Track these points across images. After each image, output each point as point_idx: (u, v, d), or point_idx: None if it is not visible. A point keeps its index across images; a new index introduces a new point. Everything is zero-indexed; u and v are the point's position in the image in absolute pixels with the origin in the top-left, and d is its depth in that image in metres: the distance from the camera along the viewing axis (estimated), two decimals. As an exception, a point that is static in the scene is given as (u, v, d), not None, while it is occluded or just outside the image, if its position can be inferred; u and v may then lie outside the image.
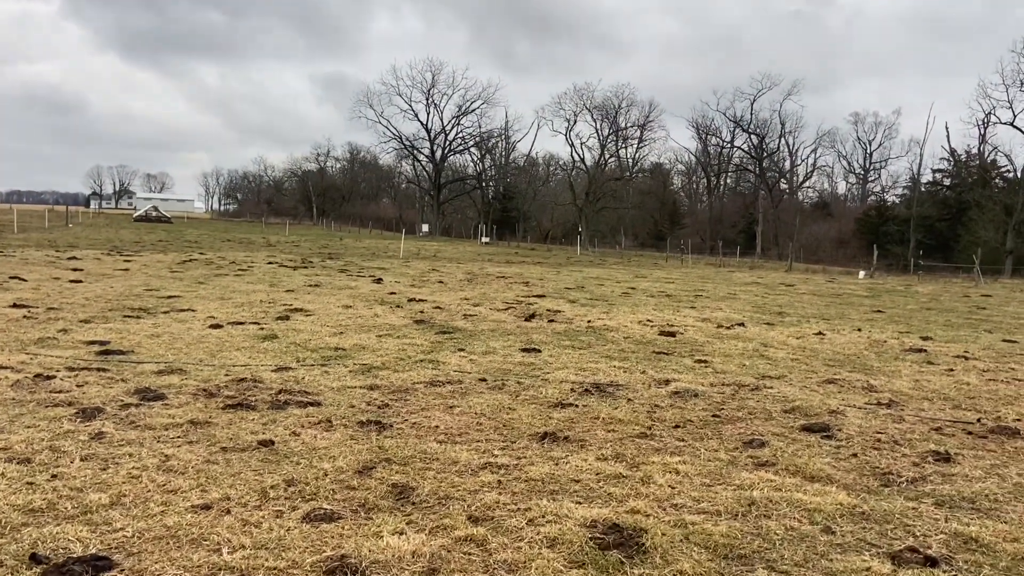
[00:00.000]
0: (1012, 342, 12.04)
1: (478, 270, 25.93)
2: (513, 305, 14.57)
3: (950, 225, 65.97)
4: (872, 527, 4.04)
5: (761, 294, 20.67)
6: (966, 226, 61.56)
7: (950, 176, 73.59)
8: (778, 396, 7.11)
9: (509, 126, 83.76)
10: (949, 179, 73.14)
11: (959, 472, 4.96)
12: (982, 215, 59.62)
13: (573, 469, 4.87)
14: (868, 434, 5.84)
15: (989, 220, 58.91)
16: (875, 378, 8.31)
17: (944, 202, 70.81)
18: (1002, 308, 18.79)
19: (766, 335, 11.66)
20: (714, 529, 3.92)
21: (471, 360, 8.60)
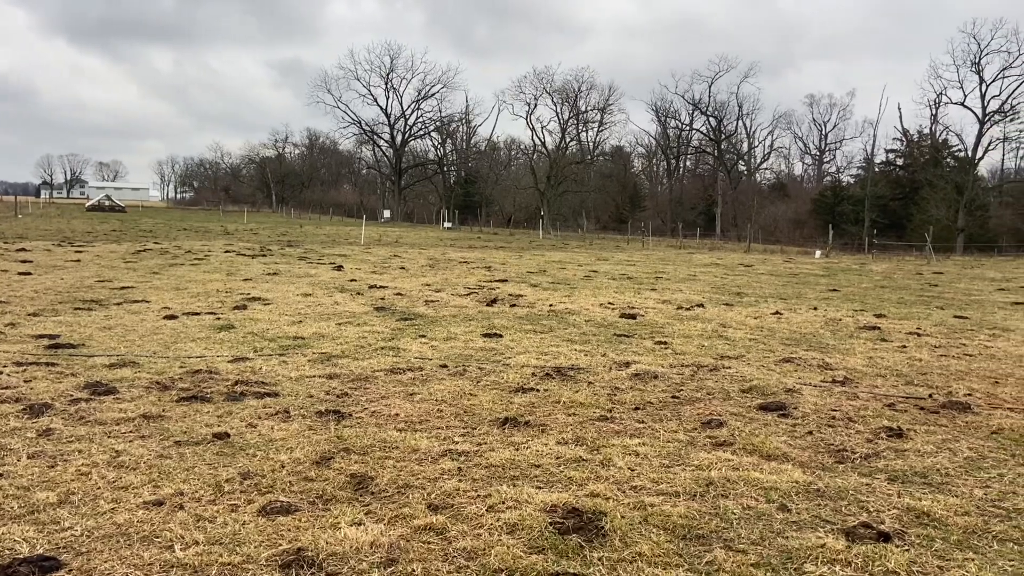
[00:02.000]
0: (963, 318, 12.35)
1: (440, 255, 25.80)
2: (475, 290, 14.52)
3: (903, 204, 67.46)
4: (827, 504, 4.11)
5: (720, 275, 20.91)
6: (919, 205, 63.01)
7: (903, 156, 75.19)
8: (736, 376, 7.19)
9: (470, 110, 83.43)
10: (902, 159, 74.74)
11: (911, 447, 5.06)
12: (934, 194, 61.08)
13: (534, 454, 4.87)
14: (823, 412, 5.94)
15: (941, 199, 60.38)
16: (830, 356, 8.46)
17: (897, 182, 72.37)
18: (953, 285, 19.28)
19: (725, 316, 11.79)
20: (673, 510, 3.95)
21: (432, 346, 8.55)
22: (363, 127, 79.22)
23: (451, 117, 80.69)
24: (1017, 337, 10.30)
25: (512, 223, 77.41)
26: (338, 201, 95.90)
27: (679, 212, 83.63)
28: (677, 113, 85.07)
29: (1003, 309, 13.88)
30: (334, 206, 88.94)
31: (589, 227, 72.19)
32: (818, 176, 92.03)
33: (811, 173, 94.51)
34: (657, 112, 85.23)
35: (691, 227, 71.04)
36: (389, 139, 79.64)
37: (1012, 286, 19.06)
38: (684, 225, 72.06)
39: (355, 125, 79.00)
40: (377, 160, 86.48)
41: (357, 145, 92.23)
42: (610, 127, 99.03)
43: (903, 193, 68.68)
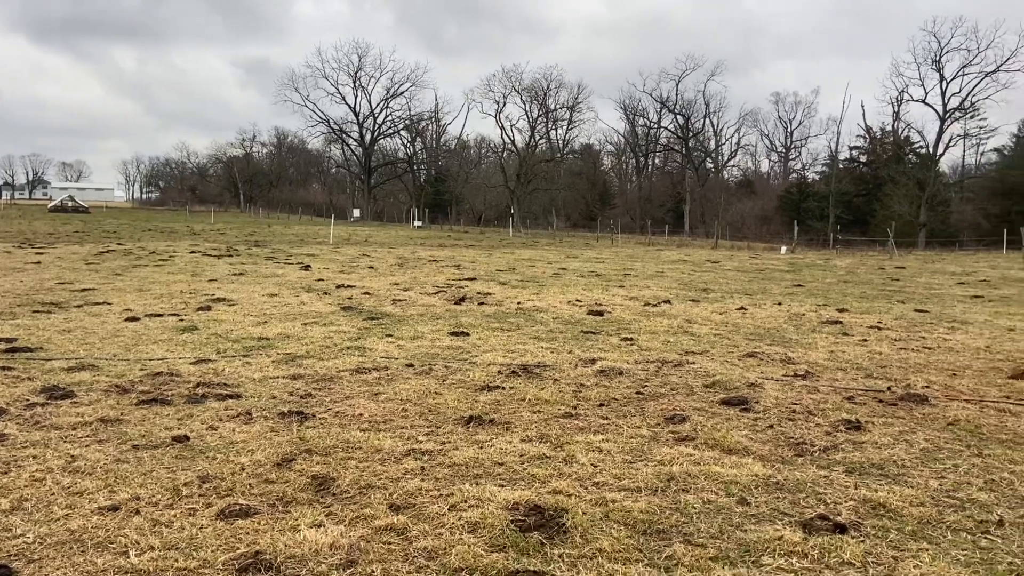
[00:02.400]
0: (923, 311, 12.59)
1: (410, 254, 25.69)
2: (443, 289, 14.48)
3: (867, 200, 68.60)
4: (785, 496, 4.16)
5: (688, 271, 21.09)
6: (882, 201, 64.12)
7: (866, 153, 76.46)
8: (700, 371, 7.26)
9: (439, 109, 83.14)
10: (865, 156, 76.00)
11: (869, 439, 5.15)
12: (897, 190, 62.20)
13: (497, 452, 4.86)
14: (784, 405, 6.02)
15: (903, 195, 61.51)
16: (793, 350, 8.57)
17: (861, 178, 73.57)
18: (915, 279, 19.65)
19: (691, 312, 11.89)
20: (634, 506, 3.97)
21: (399, 346, 8.51)
22: (331, 126, 78.69)
23: (420, 116, 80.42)
24: (975, 330, 10.53)
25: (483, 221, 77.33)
26: (307, 200, 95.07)
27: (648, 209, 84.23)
28: (645, 111, 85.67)
29: (962, 303, 14.17)
30: (303, 205, 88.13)
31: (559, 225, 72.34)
32: (784, 173, 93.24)
33: (777, 170, 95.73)
34: (626, 110, 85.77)
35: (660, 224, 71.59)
36: (358, 138, 79.09)
37: (972, 280, 19.47)
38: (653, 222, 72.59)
39: (323, 124, 78.46)
40: (346, 159, 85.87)
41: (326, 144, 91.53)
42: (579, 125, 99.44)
43: (867, 189, 69.84)
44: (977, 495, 4.16)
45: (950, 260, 29.97)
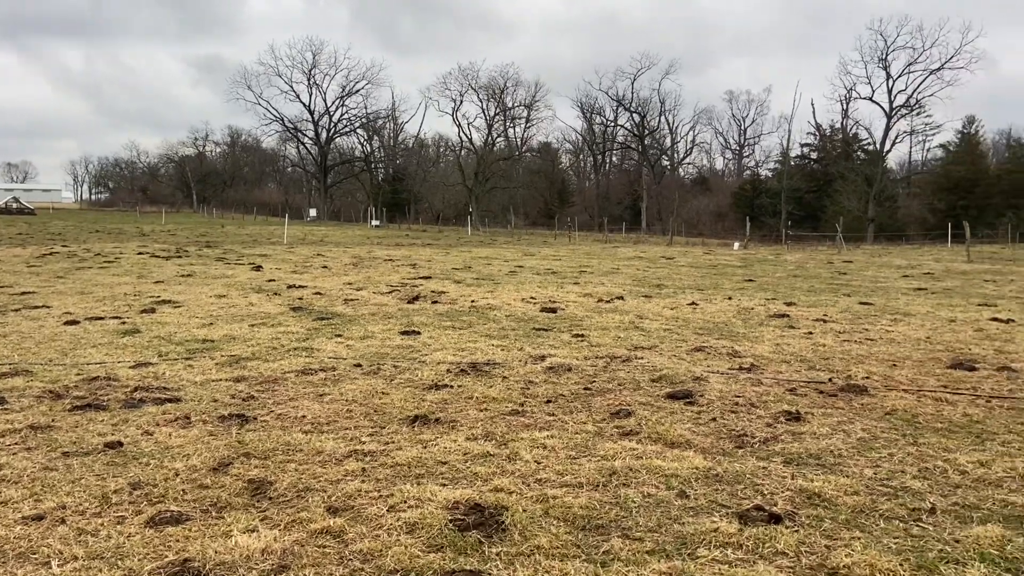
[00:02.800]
0: (868, 304, 12.87)
1: (365, 254, 25.45)
2: (397, 288, 14.37)
3: (817, 196, 70.01)
4: (724, 488, 4.19)
5: (643, 268, 21.26)
6: (832, 197, 65.53)
7: (817, 150, 78.06)
8: (647, 366, 7.30)
9: (396, 107, 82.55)
10: (816, 153, 77.59)
11: (808, 430, 5.23)
12: (846, 186, 63.64)
13: (441, 451, 4.82)
14: (728, 398, 6.08)
15: (852, 191, 62.97)
16: (740, 344, 8.68)
17: (812, 175, 75.07)
18: (861, 273, 20.10)
19: (643, 307, 11.98)
20: (574, 501, 3.96)
21: (348, 346, 8.40)
22: (286, 124, 77.52)
23: (377, 114, 79.72)
24: (916, 321, 10.79)
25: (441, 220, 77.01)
26: (263, 200, 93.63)
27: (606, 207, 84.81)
28: (602, 109, 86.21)
29: (906, 295, 14.53)
30: (258, 205, 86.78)
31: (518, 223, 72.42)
32: (738, 170, 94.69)
33: (732, 167, 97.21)
34: (582, 108, 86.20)
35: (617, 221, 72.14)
36: (313, 136, 78.12)
37: (916, 273, 20.00)
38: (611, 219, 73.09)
39: (278, 122, 77.23)
40: (302, 158, 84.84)
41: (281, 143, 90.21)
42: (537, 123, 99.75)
43: (817, 186, 71.28)
44: (911, 483, 4.25)
45: (896, 254, 30.76)
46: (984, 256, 28.11)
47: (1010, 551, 3.40)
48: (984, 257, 27.55)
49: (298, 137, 79.35)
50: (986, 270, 20.97)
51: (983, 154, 72.99)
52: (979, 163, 69.66)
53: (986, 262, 24.74)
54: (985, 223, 58.27)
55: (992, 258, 27.18)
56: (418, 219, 77.62)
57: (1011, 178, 66.67)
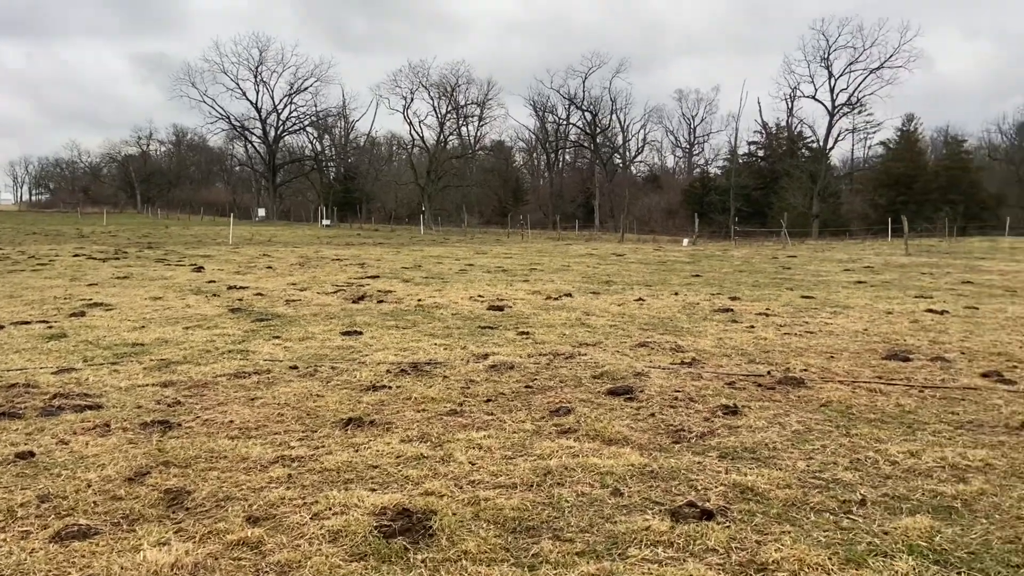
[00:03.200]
0: (810, 297, 13.07)
1: (313, 253, 25.03)
2: (343, 288, 14.11)
3: (765, 193, 71.32)
4: (659, 485, 4.14)
5: (593, 265, 21.32)
6: (778, 193, 66.81)
7: (763, 148, 79.54)
8: (590, 362, 7.25)
9: (347, 105, 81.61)
10: (762, 151, 79.04)
11: (744, 424, 5.22)
12: (791, 183, 64.97)
13: (373, 454, 4.67)
14: (667, 393, 6.05)
15: (797, 187, 64.32)
16: (683, 339, 8.70)
17: (759, 172, 76.46)
18: (805, 267, 20.46)
19: (591, 304, 11.96)
20: (506, 503, 3.86)
21: (285, 347, 8.17)
22: (233, 122, 75.92)
23: (328, 112, 78.60)
24: (855, 314, 10.98)
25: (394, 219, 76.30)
26: (210, 200, 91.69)
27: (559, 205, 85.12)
28: (554, 108, 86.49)
29: (846, 288, 14.81)
30: (205, 205, 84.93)
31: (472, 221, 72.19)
32: (689, 168, 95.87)
33: (682, 165, 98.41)
34: (535, 107, 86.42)
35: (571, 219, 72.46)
36: (261, 134, 76.66)
37: (857, 266, 20.44)
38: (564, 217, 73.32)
39: (224, 120, 75.59)
40: (250, 157, 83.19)
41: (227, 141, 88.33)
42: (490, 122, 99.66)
43: (764, 183, 72.63)
44: (842, 475, 4.25)
45: (839, 248, 31.46)
46: (922, 249, 28.94)
47: (938, 542, 3.41)
48: (922, 250, 28.36)
49: (245, 135, 77.80)
50: (923, 263, 21.56)
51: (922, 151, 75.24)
52: (918, 160, 71.79)
53: (924, 255, 25.46)
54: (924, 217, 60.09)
55: (929, 251, 27.99)
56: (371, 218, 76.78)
57: (948, 174, 68.89)
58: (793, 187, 64.81)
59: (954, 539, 3.43)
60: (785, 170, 67.83)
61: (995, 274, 17.73)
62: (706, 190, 77.89)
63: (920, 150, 74.83)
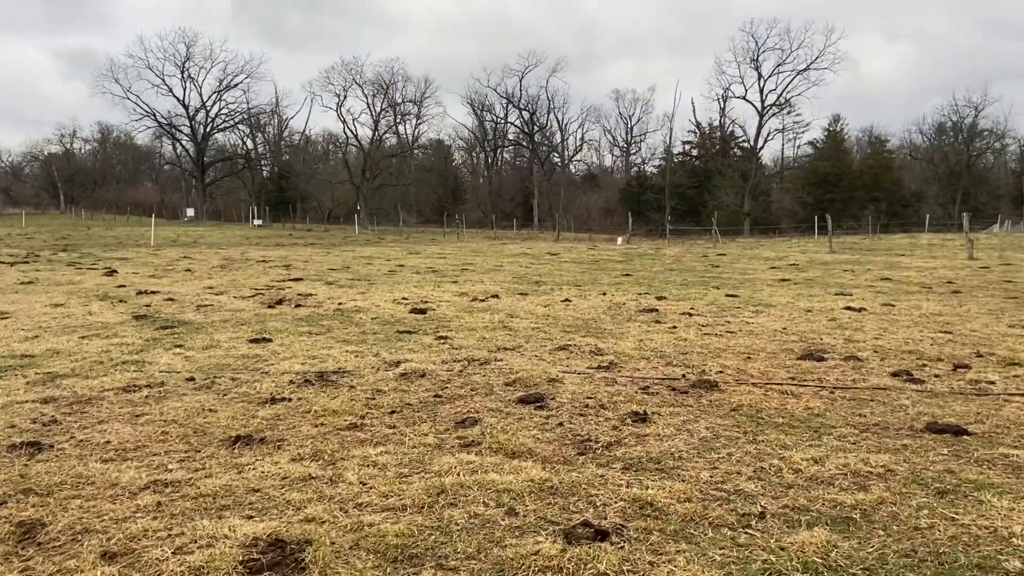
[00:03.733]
0: (734, 296, 13.16)
1: (239, 255, 24.25)
2: (262, 291, 13.61)
3: (699, 192, 72.70)
4: (557, 502, 3.94)
5: (526, 265, 21.18)
6: (711, 192, 68.19)
7: (697, 147, 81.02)
8: (505, 368, 7.04)
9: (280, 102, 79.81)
10: (696, 150, 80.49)
11: (652, 432, 5.07)
12: (724, 182, 66.35)
13: (257, 476, 4.36)
14: (579, 400, 5.88)
15: (730, 186, 65.71)
16: (604, 341, 8.57)
17: (693, 171, 77.88)
18: (733, 265, 20.73)
19: (517, 305, 11.78)
20: (391, 528, 3.61)
21: (186, 357, 7.73)
22: (158, 119, 73.30)
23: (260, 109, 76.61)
24: (776, 312, 11.07)
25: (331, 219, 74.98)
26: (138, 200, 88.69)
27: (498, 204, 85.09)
28: (492, 107, 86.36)
29: (770, 286, 15.00)
30: (132, 206, 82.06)
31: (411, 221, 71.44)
32: (627, 167, 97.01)
33: (620, 164, 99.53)
34: (473, 105, 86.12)
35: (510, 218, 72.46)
36: (189, 132, 74.23)
37: (783, 264, 20.81)
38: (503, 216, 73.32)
39: (149, 117, 72.95)
40: (178, 155, 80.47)
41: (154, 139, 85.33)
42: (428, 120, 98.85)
43: (698, 181, 74.02)
44: (744, 485, 4.13)
45: (768, 246, 32.10)
46: (846, 247, 29.75)
47: (834, 558, 3.29)
48: (846, 247, 29.15)
49: (172, 133, 75.22)
50: (846, 260, 22.10)
51: (847, 151, 77.80)
52: (844, 159, 74.24)
53: (847, 252, 26.15)
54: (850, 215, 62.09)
55: (853, 248, 28.78)
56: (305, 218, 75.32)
57: (872, 173, 71.41)
58: (725, 186, 66.16)
59: (850, 554, 3.32)
60: (718, 169, 69.18)
61: (912, 271, 18.26)
62: (642, 189, 78.90)
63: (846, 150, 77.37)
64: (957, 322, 10.12)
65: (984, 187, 73.10)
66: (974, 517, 3.62)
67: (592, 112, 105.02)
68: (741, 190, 66.55)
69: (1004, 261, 20.97)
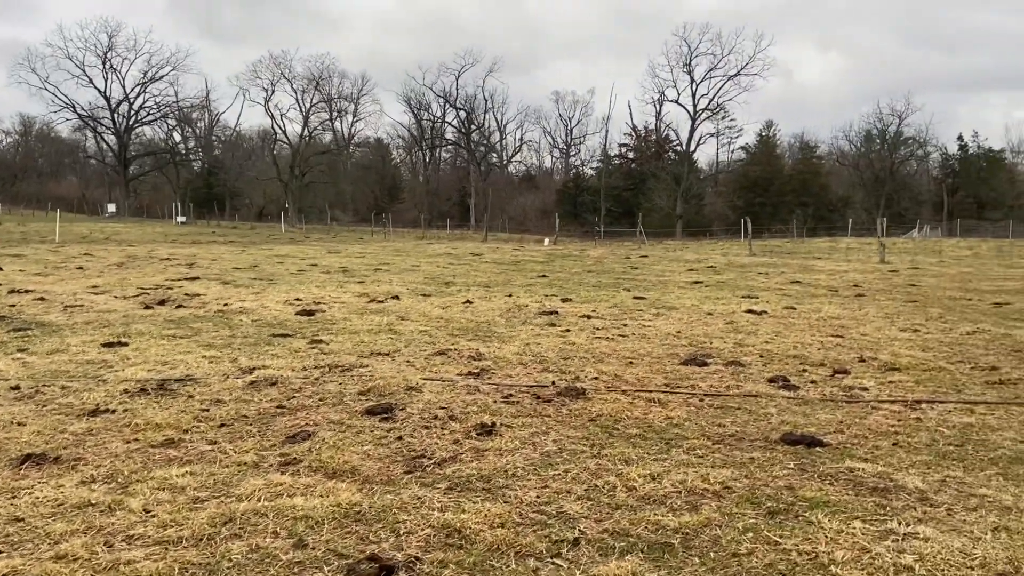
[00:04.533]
0: (641, 298, 12.98)
1: (145, 253, 23.15)
2: (148, 291, 12.83)
3: (634, 194, 73.30)
4: (357, 531, 3.52)
5: (444, 265, 20.74)
6: (646, 195, 68.89)
7: (633, 150, 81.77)
8: (366, 376, 6.59)
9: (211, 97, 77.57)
10: (632, 153, 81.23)
11: (494, 446, 4.70)
12: (658, 184, 67.07)
13: (29, 503, 3.82)
14: (430, 411, 5.47)
15: (663, 189, 66.45)
16: (489, 345, 8.20)
17: (629, 173, 78.55)
18: (652, 267, 20.69)
19: (415, 307, 11.33)
20: (150, 568, 3.13)
21: (24, 363, 7.04)
22: (78, 111, 70.18)
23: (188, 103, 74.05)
24: (677, 315, 10.89)
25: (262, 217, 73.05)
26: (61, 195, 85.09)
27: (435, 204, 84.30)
28: (429, 106, 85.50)
29: (681, 288, 14.90)
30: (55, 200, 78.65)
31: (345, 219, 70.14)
32: (567, 168, 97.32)
33: (560, 166, 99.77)
34: (410, 104, 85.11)
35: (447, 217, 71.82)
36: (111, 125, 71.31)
37: (701, 267, 20.86)
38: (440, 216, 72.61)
39: (69, 109, 69.80)
40: (101, 149, 77.26)
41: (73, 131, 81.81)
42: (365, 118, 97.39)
43: (634, 184, 74.66)
44: (570, 506, 3.78)
45: (693, 249, 32.38)
46: (768, 249, 30.21)
47: (637, 591, 2.96)
48: (768, 251, 29.59)
49: (93, 126, 72.17)
50: (763, 263, 22.32)
51: (779, 156, 79.60)
52: (775, 164, 75.92)
53: (767, 255, 26.50)
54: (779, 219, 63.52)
55: (774, 251, 29.24)
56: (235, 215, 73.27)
57: (801, 178, 73.23)
58: (659, 189, 66.92)
59: (654, 588, 2.99)
60: (652, 172, 69.92)
61: (824, 274, 18.47)
62: (579, 190, 79.25)
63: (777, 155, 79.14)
64: (852, 325, 10.09)
65: (907, 193, 75.64)
66: (798, 541, 3.34)
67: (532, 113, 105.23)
68: (674, 193, 67.38)
69: (914, 265, 21.47)
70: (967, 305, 12.43)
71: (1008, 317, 11.01)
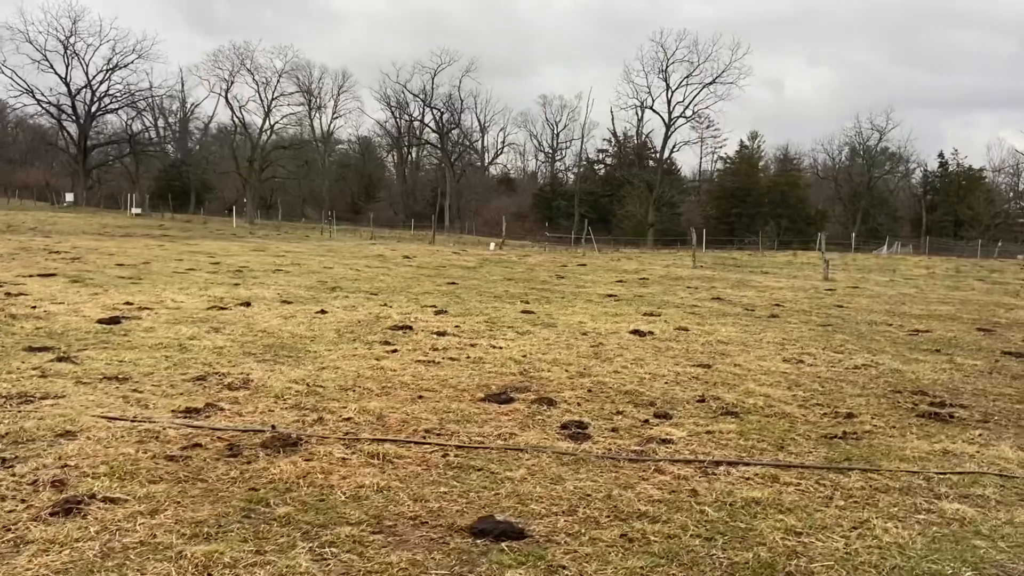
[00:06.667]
0: (530, 313, 11.69)
1: (42, 245, 21.67)
2: (-27, 288, 11.41)
3: (611, 200, 72.26)
4: None
5: (361, 268, 19.39)
6: (621, 202, 67.79)
7: (613, 156, 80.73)
8: (38, 414, 5.23)
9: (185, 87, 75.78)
10: (611, 159, 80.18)
11: (61, 535, 3.37)
12: (632, 191, 65.96)
13: None
14: (45, 470, 4.13)
15: (637, 196, 65.31)
16: (270, 369, 6.86)
17: (608, 180, 77.53)
18: (580, 277, 19.40)
19: (254, 317, 9.98)
20: None
21: None
22: (37, 97, 68.14)
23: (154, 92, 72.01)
24: (545, 334, 9.60)
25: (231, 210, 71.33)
26: (28, 183, 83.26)
27: (411, 204, 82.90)
28: (408, 105, 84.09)
29: (588, 302, 13.62)
30: (22, 188, 76.80)
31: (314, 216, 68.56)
32: (551, 173, 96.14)
33: (544, 170, 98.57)
34: (389, 103, 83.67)
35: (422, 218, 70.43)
36: (71, 112, 69.34)
37: (633, 278, 19.59)
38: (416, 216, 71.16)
39: (27, 94, 67.79)
40: (65, 137, 75.25)
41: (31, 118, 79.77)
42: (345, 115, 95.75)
43: (611, 190, 73.60)
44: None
45: (646, 258, 31.11)
46: (719, 261, 28.98)
47: None
48: (718, 262, 28.36)
49: (51, 112, 70.21)
50: (700, 276, 21.08)
51: (758, 167, 78.72)
52: (753, 175, 75.07)
53: (712, 268, 25.25)
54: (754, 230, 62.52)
55: (723, 264, 27.99)
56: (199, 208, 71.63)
57: (779, 190, 72.43)
58: (633, 196, 65.82)
59: None
60: (625, 178, 68.91)
61: (755, 290, 17.24)
62: (556, 195, 78.17)
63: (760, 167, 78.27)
64: (734, 353, 8.84)
65: (883, 208, 74.88)
66: None
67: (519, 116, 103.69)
68: (646, 201, 66.29)
69: (857, 283, 20.29)
70: (882, 332, 11.19)
71: (917, 348, 9.78)
